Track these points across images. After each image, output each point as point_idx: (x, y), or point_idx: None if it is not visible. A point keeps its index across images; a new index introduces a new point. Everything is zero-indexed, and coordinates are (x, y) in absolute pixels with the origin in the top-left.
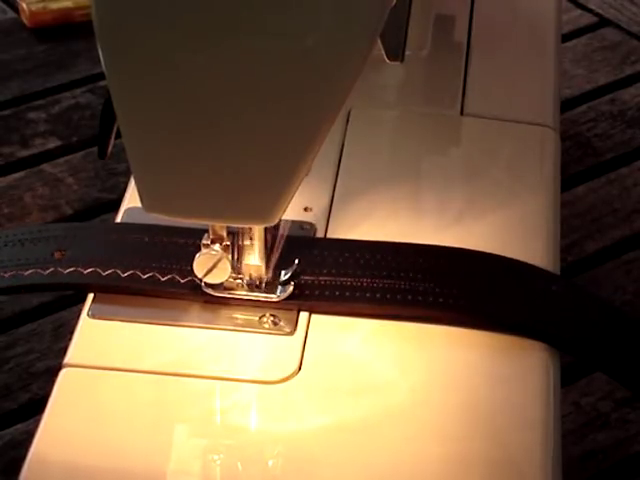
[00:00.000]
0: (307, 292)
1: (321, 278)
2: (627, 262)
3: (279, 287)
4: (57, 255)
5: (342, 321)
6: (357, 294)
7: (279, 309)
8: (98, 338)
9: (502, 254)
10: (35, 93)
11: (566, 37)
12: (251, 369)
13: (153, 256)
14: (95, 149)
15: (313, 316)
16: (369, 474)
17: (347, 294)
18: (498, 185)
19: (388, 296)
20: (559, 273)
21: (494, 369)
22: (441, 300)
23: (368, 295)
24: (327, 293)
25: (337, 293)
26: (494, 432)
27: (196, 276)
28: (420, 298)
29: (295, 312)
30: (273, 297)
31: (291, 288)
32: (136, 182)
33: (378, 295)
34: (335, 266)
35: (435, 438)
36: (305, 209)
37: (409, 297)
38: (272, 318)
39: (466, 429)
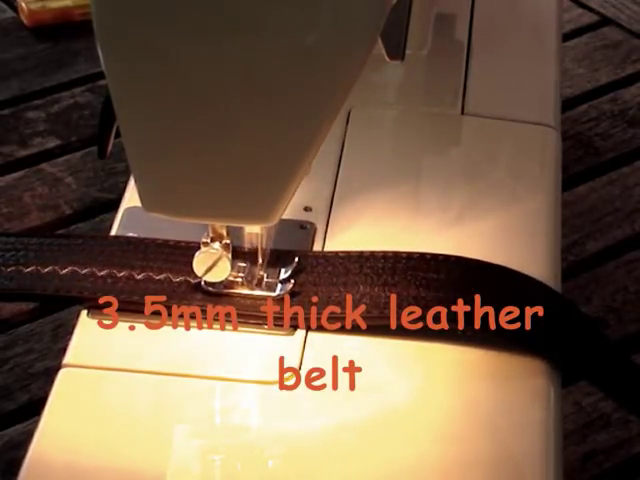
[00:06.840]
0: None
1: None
2: (629, 262)
3: (279, 285)
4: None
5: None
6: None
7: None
8: (97, 338)
9: (502, 254)
10: (34, 92)
11: (567, 36)
12: (251, 369)
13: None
14: (94, 149)
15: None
16: (369, 474)
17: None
18: (499, 185)
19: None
20: (560, 273)
21: (495, 370)
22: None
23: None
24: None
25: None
26: (495, 434)
27: (195, 277)
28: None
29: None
30: (273, 295)
31: (290, 286)
32: (136, 182)
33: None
34: (334, 274)
35: (435, 439)
36: (305, 209)
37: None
38: None
39: (466, 430)
